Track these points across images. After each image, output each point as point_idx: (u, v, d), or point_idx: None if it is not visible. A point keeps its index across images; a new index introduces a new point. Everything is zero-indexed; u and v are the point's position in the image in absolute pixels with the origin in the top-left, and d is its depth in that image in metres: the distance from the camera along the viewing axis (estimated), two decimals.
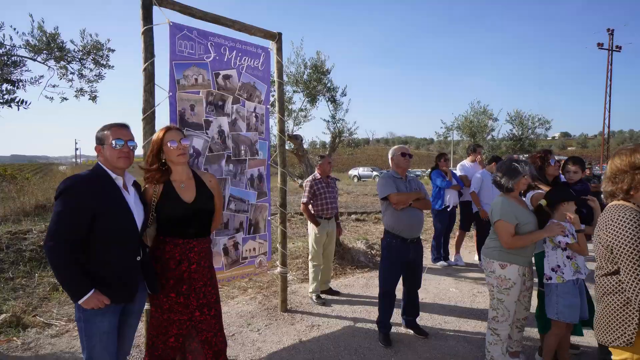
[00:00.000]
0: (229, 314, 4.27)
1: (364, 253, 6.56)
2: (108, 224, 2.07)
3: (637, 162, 1.83)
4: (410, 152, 3.79)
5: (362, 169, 39.57)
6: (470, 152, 6.69)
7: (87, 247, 2.05)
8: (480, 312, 4.41)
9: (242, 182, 3.76)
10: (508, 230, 2.90)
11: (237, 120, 3.73)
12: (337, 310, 4.48)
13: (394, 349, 3.56)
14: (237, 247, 3.70)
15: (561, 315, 2.91)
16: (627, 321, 1.78)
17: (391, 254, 3.63)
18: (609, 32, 32.21)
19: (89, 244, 2.04)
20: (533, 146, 14.40)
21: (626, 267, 1.74)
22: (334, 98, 6.65)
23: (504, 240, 2.92)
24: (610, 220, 1.82)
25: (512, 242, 2.89)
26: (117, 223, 2.11)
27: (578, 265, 2.96)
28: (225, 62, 3.63)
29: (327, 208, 4.74)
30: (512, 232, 2.90)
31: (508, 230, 2.90)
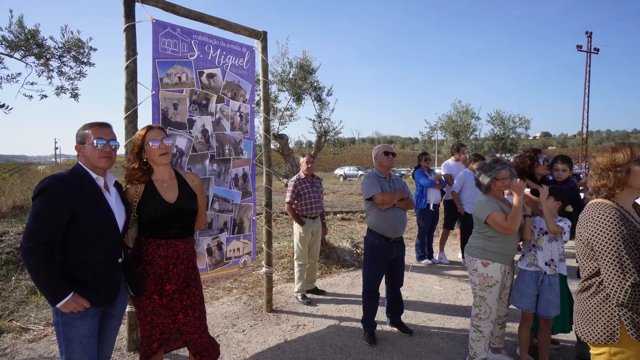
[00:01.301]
0: (214, 315, 4.23)
1: (349, 252, 6.58)
2: (88, 224, 2.03)
3: (618, 161, 1.87)
4: (394, 151, 3.81)
5: (348, 168, 39.71)
6: (454, 152, 6.78)
7: (67, 248, 2.00)
8: (464, 309, 4.48)
9: (227, 181, 3.73)
10: (501, 218, 2.93)
11: (222, 119, 3.70)
12: (323, 309, 4.48)
13: (378, 347, 3.58)
14: (221, 248, 3.67)
15: (512, 299, 3.02)
16: (607, 318, 1.83)
17: (375, 253, 3.65)
18: (588, 34, 33.02)
19: (68, 245, 2.00)
20: (514, 145, 14.70)
21: (606, 264, 1.78)
22: (320, 97, 6.65)
23: (502, 227, 2.93)
24: (591, 217, 1.86)
25: (510, 224, 2.90)
26: (97, 224, 2.07)
27: (535, 259, 3.05)
28: (209, 61, 3.59)
29: (312, 207, 4.74)
30: (504, 217, 2.94)
31: (501, 218, 2.93)
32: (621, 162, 1.85)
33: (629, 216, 1.84)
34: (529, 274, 3.07)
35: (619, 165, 1.86)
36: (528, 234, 3.09)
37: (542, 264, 3.04)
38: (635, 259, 1.73)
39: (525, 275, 3.08)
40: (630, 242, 1.74)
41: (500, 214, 2.94)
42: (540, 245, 3.06)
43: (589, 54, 32.86)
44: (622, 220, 1.78)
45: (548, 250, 3.04)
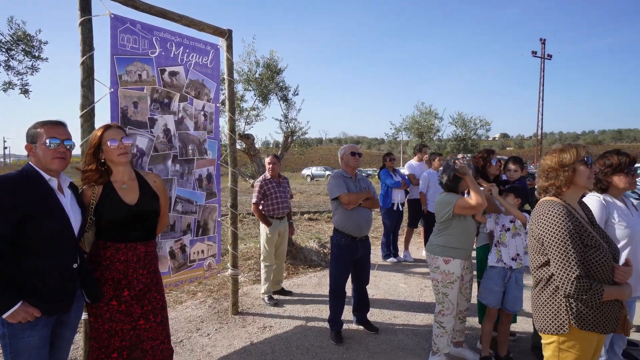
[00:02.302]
0: (177, 319, 4.13)
1: (316, 252, 6.60)
2: (40, 228, 1.92)
3: (565, 161, 1.99)
4: (360, 152, 3.86)
5: (315, 169, 39.85)
6: (417, 152, 6.96)
7: (16, 254, 1.88)
8: (428, 305, 4.60)
9: (190, 182, 3.65)
10: (466, 200, 3.02)
11: (185, 118, 3.61)
12: (290, 310, 4.47)
13: (345, 345, 3.62)
14: (185, 250, 3.58)
15: (480, 296, 3.15)
16: (556, 308, 1.93)
17: (341, 253, 3.69)
18: (542, 41, 34.84)
19: (17, 250, 1.88)
20: (475, 146, 15.27)
21: (555, 258, 1.88)
22: (286, 97, 6.63)
23: (472, 206, 2.98)
24: (541, 214, 1.97)
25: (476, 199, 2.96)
26: (50, 228, 1.96)
27: (502, 255, 3.19)
28: (171, 58, 3.49)
29: (279, 208, 4.72)
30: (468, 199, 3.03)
31: (466, 200, 3.02)
32: (568, 162, 1.97)
33: (575, 213, 1.96)
34: (496, 271, 3.19)
35: (566, 165, 1.97)
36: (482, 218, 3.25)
37: (508, 260, 3.18)
38: (580, 253, 1.84)
39: (493, 273, 3.20)
40: (576, 237, 1.86)
41: (463, 199, 3.05)
42: (504, 241, 3.20)
43: (543, 59, 34.66)
44: (569, 217, 1.89)
45: (513, 246, 3.19)
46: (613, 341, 2.72)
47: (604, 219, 2.63)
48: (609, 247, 1.95)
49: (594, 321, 1.87)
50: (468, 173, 3.03)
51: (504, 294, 3.20)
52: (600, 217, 2.61)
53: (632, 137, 76.13)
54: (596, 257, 1.86)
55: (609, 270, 1.87)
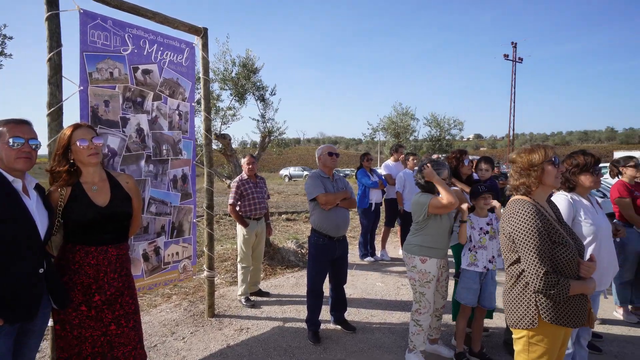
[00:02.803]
0: (151, 323, 4.03)
1: (294, 253, 6.59)
2: (3, 232, 1.83)
3: (534, 161, 2.06)
4: (338, 152, 3.88)
5: (293, 169, 39.75)
6: (393, 152, 7.04)
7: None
8: (404, 303, 4.66)
9: (164, 183, 3.57)
10: (438, 200, 3.08)
11: (159, 118, 3.53)
12: (267, 311, 4.44)
13: (323, 345, 3.62)
14: (159, 252, 3.50)
15: (459, 297, 3.22)
16: (527, 304, 2.00)
17: (318, 253, 3.69)
18: (513, 45, 35.92)
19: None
20: (450, 146, 15.60)
21: (525, 255, 1.94)
22: (264, 97, 6.59)
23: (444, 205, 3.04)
24: (512, 213, 2.03)
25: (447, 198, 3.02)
26: (14, 232, 1.87)
27: (476, 258, 3.27)
28: (145, 56, 3.41)
29: (256, 208, 4.68)
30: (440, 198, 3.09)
31: (438, 200, 3.08)
32: (537, 162, 2.04)
33: (544, 211, 2.03)
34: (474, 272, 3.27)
35: (535, 165, 2.04)
36: (463, 239, 3.29)
37: (486, 262, 3.26)
38: (548, 250, 1.91)
39: (472, 274, 3.27)
40: (544, 235, 1.92)
41: (436, 199, 3.11)
42: (485, 244, 3.27)
43: (514, 62, 35.72)
44: (539, 215, 1.95)
45: (490, 248, 3.27)
46: (579, 334, 2.82)
47: (572, 217, 2.73)
48: (575, 243, 2.03)
49: (562, 315, 1.93)
50: (434, 177, 3.10)
51: (480, 291, 3.28)
52: (568, 214, 2.71)
53: (597, 138, 79.43)
54: (563, 253, 1.93)
55: (575, 265, 1.95)
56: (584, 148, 3.13)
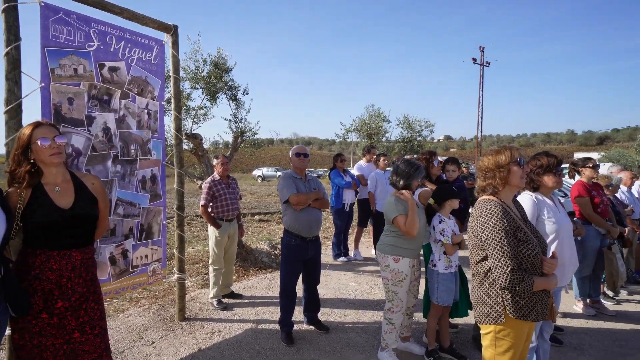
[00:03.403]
0: (118, 329, 3.90)
1: (267, 254, 6.54)
2: None
3: (501, 162, 2.13)
4: (307, 152, 3.86)
5: (267, 169, 39.45)
6: (366, 153, 7.12)
7: None
8: (377, 302, 4.71)
9: (132, 184, 3.47)
10: (404, 222, 3.13)
11: (126, 116, 3.43)
12: (239, 313, 4.39)
13: (296, 346, 3.61)
14: (127, 255, 3.40)
15: (440, 300, 3.28)
16: (493, 300, 2.06)
17: (291, 253, 3.68)
18: (481, 49, 37.04)
19: None
20: (421, 147, 15.92)
21: (492, 253, 2.01)
22: (236, 97, 6.51)
23: (405, 231, 3.13)
24: (479, 212, 2.09)
25: (408, 228, 3.10)
26: None
27: (450, 261, 3.35)
28: (111, 53, 3.30)
29: (228, 209, 4.62)
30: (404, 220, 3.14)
31: (404, 222, 3.13)
32: (503, 163, 2.11)
33: (509, 210, 2.10)
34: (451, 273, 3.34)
35: (502, 166, 2.12)
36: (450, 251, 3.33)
37: (456, 261, 3.39)
38: (514, 248, 1.98)
39: (450, 275, 3.33)
40: (510, 233, 1.99)
41: (403, 218, 3.14)
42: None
43: (482, 66, 36.86)
44: (505, 214, 2.02)
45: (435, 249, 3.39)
46: (542, 328, 2.93)
47: (536, 216, 2.84)
48: (538, 241, 2.11)
49: (527, 310, 2.01)
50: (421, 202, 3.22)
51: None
52: (532, 214, 2.81)
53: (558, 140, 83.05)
54: (528, 251, 2.00)
55: (538, 263, 2.03)
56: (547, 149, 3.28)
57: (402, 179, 3.25)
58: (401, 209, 3.17)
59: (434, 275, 3.33)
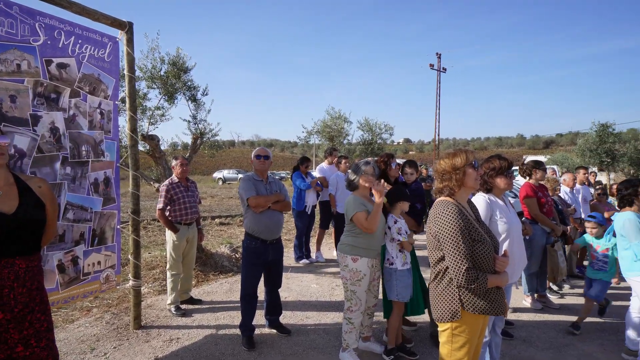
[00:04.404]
0: (67, 341, 3.68)
1: (227, 257, 6.42)
2: None
3: (457, 164, 2.22)
4: (268, 154, 3.83)
5: (227, 172, 38.72)
6: (327, 155, 7.17)
7: None
8: (339, 304, 4.75)
9: (84, 187, 3.29)
10: (364, 218, 3.18)
11: (77, 116, 3.26)
12: (199, 319, 4.28)
13: (257, 350, 3.57)
14: (77, 262, 3.22)
15: (400, 296, 3.37)
16: (450, 299, 2.14)
17: (252, 256, 3.64)
18: (438, 55, 38.43)
19: None
20: (381, 150, 16.26)
21: (448, 252, 2.08)
22: (195, 97, 6.35)
23: (364, 227, 3.17)
24: (437, 213, 2.16)
25: (369, 224, 3.15)
26: None
27: (406, 257, 3.44)
28: (60, 49, 3.12)
29: (187, 213, 4.49)
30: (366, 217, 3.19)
31: (364, 218, 3.18)
32: (459, 165, 2.20)
33: (464, 211, 2.19)
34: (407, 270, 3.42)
35: (458, 168, 2.20)
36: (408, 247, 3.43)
37: (409, 258, 3.46)
38: (469, 247, 2.07)
39: (406, 272, 3.41)
40: (466, 233, 2.08)
41: (363, 214, 3.19)
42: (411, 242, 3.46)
43: (439, 72, 38.23)
44: (461, 215, 2.11)
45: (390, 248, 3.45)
46: (494, 322, 3.08)
47: (489, 216, 2.97)
48: (491, 240, 2.22)
49: (482, 307, 2.10)
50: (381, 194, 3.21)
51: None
52: (486, 214, 2.94)
53: (509, 144, 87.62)
54: (481, 250, 2.10)
55: (491, 261, 2.13)
56: (499, 152, 3.47)
57: (354, 174, 3.33)
58: (360, 206, 3.23)
59: (392, 272, 3.40)
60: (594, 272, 4.07)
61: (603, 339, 3.97)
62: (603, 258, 4.02)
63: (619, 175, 21.30)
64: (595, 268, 4.06)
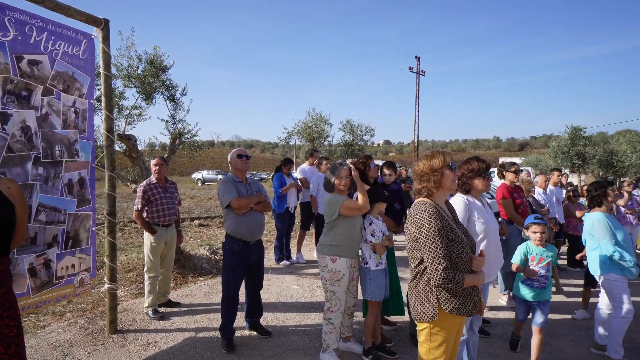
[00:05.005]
0: (38, 347, 3.56)
1: (207, 259, 6.34)
2: None
3: (434, 166, 2.25)
4: (248, 154, 3.82)
5: (207, 172, 38.18)
6: (308, 156, 7.17)
7: None
8: (319, 304, 4.75)
9: (57, 188, 3.20)
10: (353, 202, 3.23)
11: (50, 115, 3.16)
12: (177, 322, 4.20)
13: (237, 353, 3.54)
14: (50, 266, 3.12)
15: (373, 296, 3.39)
16: (428, 299, 2.17)
17: (233, 258, 3.60)
18: (417, 59, 38.95)
19: None
20: (362, 151, 16.39)
21: (427, 253, 2.11)
22: (173, 97, 6.24)
23: (357, 208, 3.22)
24: (415, 214, 2.19)
25: (362, 203, 3.22)
26: None
27: (381, 258, 3.46)
28: (31, 45, 3.02)
29: (165, 215, 4.41)
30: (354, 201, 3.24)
31: (353, 202, 3.23)
32: (437, 167, 2.24)
33: (442, 212, 2.23)
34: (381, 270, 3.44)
35: (436, 169, 2.24)
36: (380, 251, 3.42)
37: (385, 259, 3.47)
38: (446, 247, 2.11)
39: (380, 271, 3.43)
40: (443, 234, 2.11)
41: (350, 200, 3.24)
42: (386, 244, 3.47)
43: (418, 75, 38.77)
44: (438, 216, 2.14)
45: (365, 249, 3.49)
46: (472, 321, 3.14)
47: (467, 217, 3.03)
48: (468, 240, 2.26)
49: (459, 306, 2.14)
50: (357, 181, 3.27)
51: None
52: (464, 215, 3.00)
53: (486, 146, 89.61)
54: (459, 250, 2.14)
55: (468, 260, 2.17)
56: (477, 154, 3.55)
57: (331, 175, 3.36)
58: (342, 197, 3.27)
59: (366, 272, 3.43)
60: (535, 292, 3.43)
61: (574, 334, 4.10)
62: (545, 273, 3.44)
63: (589, 176, 22.11)
64: (536, 286, 3.43)
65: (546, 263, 3.44)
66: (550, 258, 3.45)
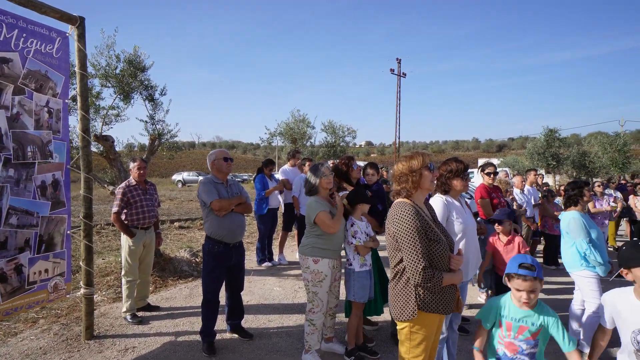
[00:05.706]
0: (9, 355, 3.43)
1: (187, 262, 6.24)
2: None
3: (413, 167, 2.28)
4: (231, 156, 3.80)
5: (187, 174, 37.64)
6: (290, 157, 7.16)
7: None
8: (301, 306, 4.74)
9: (29, 190, 3.10)
10: (327, 217, 3.21)
11: (21, 114, 3.06)
12: (157, 326, 4.13)
13: (218, 356, 3.50)
14: (21, 271, 3.02)
15: (357, 297, 3.40)
16: (408, 298, 2.19)
17: (214, 260, 3.56)
18: (398, 61, 39.38)
19: None
20: (344, 152, 16.48)
21: (406, 252, 2.13)
22: (152, 97, 6.15)
23: (327, 226, 3.21)
24: (395, 214, 2.21)
25: (334, 224, 3.21)
26: None
27: (365, 259, 3.47)
28: (2, 42, 2.93)
29: (144, 217, 4.33)
30: (330, 217, 3.24)
31: (327, 217, 3.21)
32: (416, 167, 2.27)
33: (421, 212, 2.26)
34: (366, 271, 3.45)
35: (414, 170, 2.27)
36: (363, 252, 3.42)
37: (370, 260, 3.49)
38: (425, 247, 2.13)
39: (363, 273, 3.43)
40: (422, 233, 2.14)
41: (326, 214, 3.23)
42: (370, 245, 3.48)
43: (399, 77, 39.18)
44: (417, 216, 2.17)
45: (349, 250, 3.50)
46: (451, 319, 3.19)
47: (446, 217, 3.08)
48: (446, 240, 2.30)
49: (437, 304, 2.17)
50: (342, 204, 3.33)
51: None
52: (443, 214, 3.04)
53: (466, 147, 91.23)
54: (437, 249, 2.17)
55: (446, 260, 2.21)
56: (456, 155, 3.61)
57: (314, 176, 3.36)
58: (322, 207, 3.25)
59: (351, 273, 3.44)
60: None
61: None
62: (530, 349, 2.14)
63: (564, 177, 22.78)
64: None
65: (531, 335, 2.13)
66: (537, 327, 2.12)
